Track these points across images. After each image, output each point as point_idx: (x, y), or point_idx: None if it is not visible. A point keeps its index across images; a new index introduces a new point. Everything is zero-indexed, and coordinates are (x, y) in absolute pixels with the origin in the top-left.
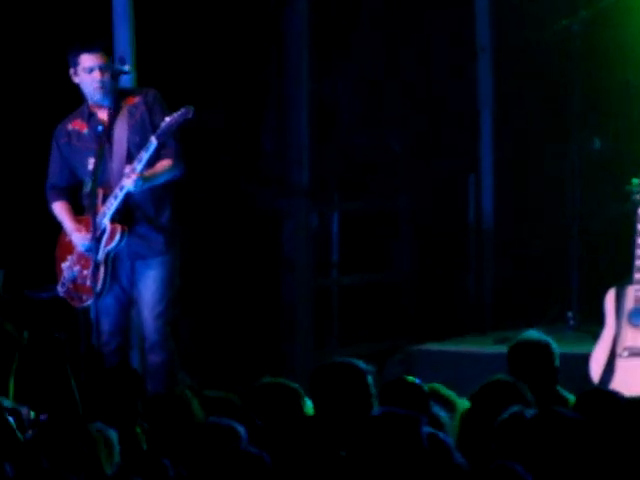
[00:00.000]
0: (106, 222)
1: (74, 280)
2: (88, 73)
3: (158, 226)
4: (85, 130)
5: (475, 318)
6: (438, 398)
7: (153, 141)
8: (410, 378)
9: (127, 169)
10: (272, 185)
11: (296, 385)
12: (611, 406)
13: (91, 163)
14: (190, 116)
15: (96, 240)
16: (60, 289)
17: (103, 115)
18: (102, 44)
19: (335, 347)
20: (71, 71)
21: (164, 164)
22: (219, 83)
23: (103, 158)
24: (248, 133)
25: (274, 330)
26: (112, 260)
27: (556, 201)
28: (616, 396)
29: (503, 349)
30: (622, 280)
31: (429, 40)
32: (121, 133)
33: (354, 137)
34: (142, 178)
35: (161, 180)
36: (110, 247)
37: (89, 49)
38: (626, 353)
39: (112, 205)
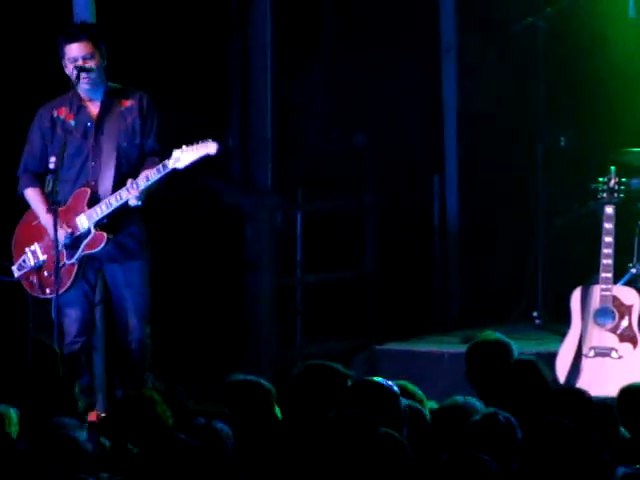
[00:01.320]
0: (90, 226)
1: (39, 269)
2: (73, 63)
3: (130, 233)
4: (71, 120)
5: (440, 317)
6: (406, 395)
7: (167, 166)
8: (378, 379)
9: (129, 183)
10: (236, 184)
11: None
12: (578, 404)
13: (53, 162)
14: (213, 154)
15: (73, 240)
16: (17, 271)
17: (94, 110)
18: (86, 34)
19: (299, 346)
20: (63, 63)
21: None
22: (182, 80)
23: (82, 156)
24: (212, 131)
25: (238, 329)
26: (85, 263)
27: (522, 200)
28: (583, 394)
29: None
30: (588, 279)
31: (394, 40)
32: (111, 135)
33: (318, 136)
34: (143, 194)
35: (152, 189)
36: (90, 252)
37: (73, 39)
38: (592, 353)
39: (102, 212)
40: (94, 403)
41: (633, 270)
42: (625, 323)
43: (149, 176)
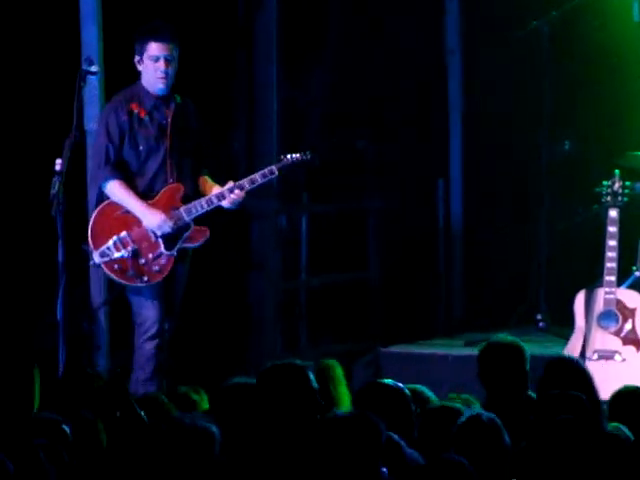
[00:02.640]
0: (189, 220)
1: (131, 258)
2: (154, 62)
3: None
4: (145, 116)
5: (444, 320)
6: (422, 400)
7: (275, 172)
8: (388, 381)
9: (236, 185)
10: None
11: None
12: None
13: (59, 164)
14: (315, 164)
15: (173, 232)
16: (99, 258)
17: (166, 108)
18: (172, 36)
19: (303, 348)
20: (136, 58)
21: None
22: (188, 84)
23: (158, 153)
24: (217, 134)
25: (242, 331)
26: (179, 257)
27: (525, 203)
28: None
29: (472, 351)
30: (592, 283)
31: (398, 43)
32: (184, 134)
33: (323, 139)
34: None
35: None
36: (189, 245)
37: (158, 38)
38: (595, 356)
39: (202, 208)
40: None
41: (637, 273)
42: (629, 326)
43: (255, 180)
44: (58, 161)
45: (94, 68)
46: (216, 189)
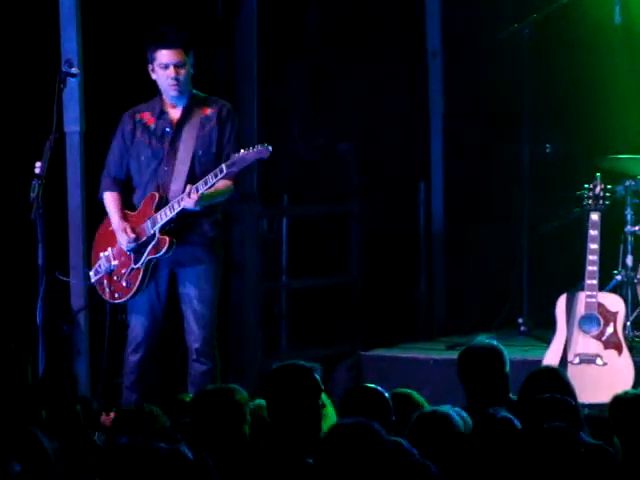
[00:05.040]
0: (156, 230)
1: (110, 273)
2: (163, 69)
3: (200, 236)
4: (152, 125)
5: (425, 324)
6: (410, 404)
7: (224, 170)
8: (372, 385)
9: (189, 188)
10: None
11: (244, 393)
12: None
13: (38, 167)
14: (265, 157)
15: (139, 245)
16: (93, 276)
17: (175, 115)
18: (180, 41)
19: (284, 352)
20: (149, 67)
21: (225, 184)
22: None
23: (157, 160)
24: None
25: (222, 334)
26: (153, 267)
27: (507, 206)
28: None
29: (453, 355)
30: (573, 286)
31: (380, 46)
32: (188, 142)
33: (304, 141)
34: (203, 200)
35: (218, 200)
36: (154, 256)
37: (166, 45)
38: (577, 360)
39: (166, 216)
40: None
41: (618, 277)
42: (610, 330)
43: (207, 180)
44: (38, 164)
45: (74, 70)
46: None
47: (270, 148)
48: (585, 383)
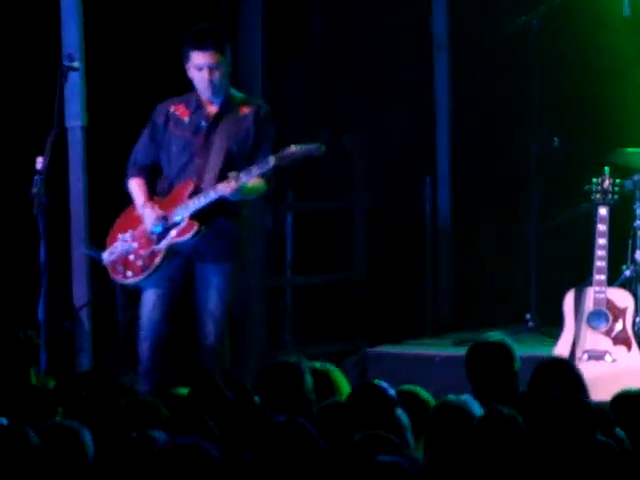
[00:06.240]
0: (185, 216)
1: (126, 254)
2: (198, 70)
3: (223, 232)
4: (186, 118)
5: (432, 319)
6: (415, 401)
7: (271, 162)
8: (376, 382)
9: (233, 175)
10: None
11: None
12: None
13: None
14: (317, 155)
15: (166, 228)
16: (107, 257)
17: (212, 111)
18: (214, 43)
19: (289, 348)
20: (185, 65)
21: (259, 184)
22: (170, 80)
23: (188, 153)
24: None
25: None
26: (172, 253)
27: (514, 201)
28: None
29: (460, 351)
30: (581, 282)
31: (385, 38)
32: (222, 137)
33: (308, 136)
34: (242, 190)
35: (252, 197)
36: (178, 240)
37: (200, 47)
38: (585, 356)
39: (200, 203)
40: None
41: (627, 272)
42: (619, 326)
43: (252, 170)
44: (39, 159)
45: (75, 64)
46: None
47: (324, 148)
48: (594, 380)
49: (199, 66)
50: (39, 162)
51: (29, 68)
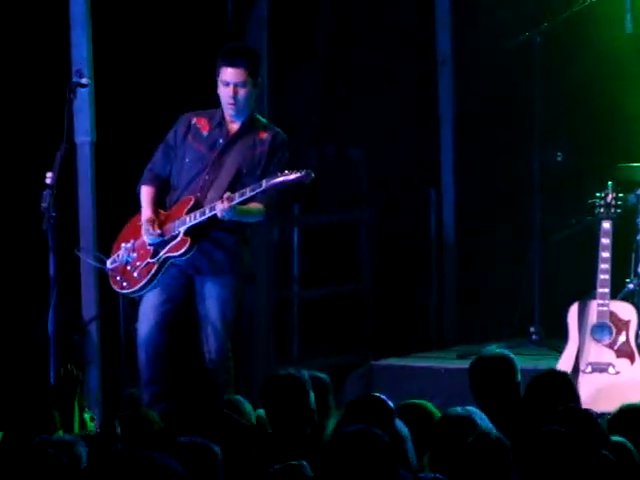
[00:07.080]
0: (181, 230)
1: (126, 264)
2: (224, 86)
3: (223, 246)
4: (205, 132)
5: (437, 333)
6: (424, 415)
7: (263, 185)
8: (376, 394)
9: (226, 195)
10: None
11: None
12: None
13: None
14: (307, 182)
15: (163, 242)
16: (109, 265)
17: (232, 128)
18: (244, 61)
19: (295, 361)
20: (217, 80)
21: (256, 207)
22: (178, 92)
23: (199, 167)
24: None
25: (233, 343)
26: (167, 267)
27: (518, 215)
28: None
29: (465, 364)
30: (585, 295)
31: (389, 53)
32: (235, 157)
33: (315, 148)
34: (234, 211)
35: (247, 220)
36: (171, 254)
37: (230, 63)
38: (589, 369)
39: (195, 219)
40: None
41: (630, 285)
42: (622, 339)
43: (244, 192)
44: (49, 174)
45: (84, 80)
46: None
47: (313, 174)
48: (597, 392)
49: (226, 82)
50: (48, 177)
51: (39, 84)
